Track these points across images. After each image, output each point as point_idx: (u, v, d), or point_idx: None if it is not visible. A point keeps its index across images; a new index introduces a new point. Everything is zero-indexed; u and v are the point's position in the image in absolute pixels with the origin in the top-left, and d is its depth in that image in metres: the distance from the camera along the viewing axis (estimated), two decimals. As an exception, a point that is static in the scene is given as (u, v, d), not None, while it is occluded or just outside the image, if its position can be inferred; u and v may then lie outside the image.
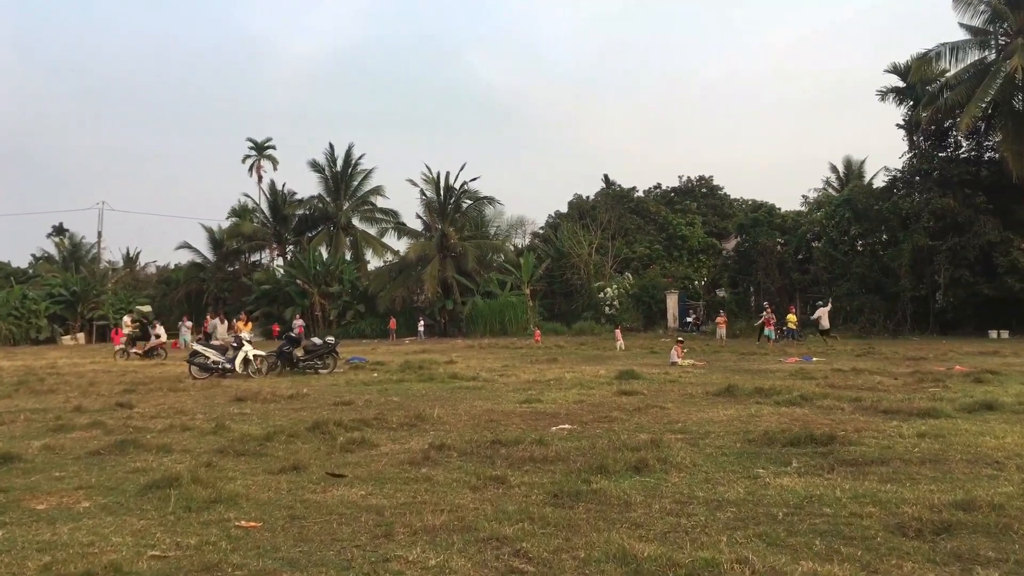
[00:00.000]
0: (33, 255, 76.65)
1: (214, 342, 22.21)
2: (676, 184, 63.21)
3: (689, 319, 45.09)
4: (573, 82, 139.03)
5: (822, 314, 31.06)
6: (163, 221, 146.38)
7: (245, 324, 22.49)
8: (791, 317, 32.68)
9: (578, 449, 8.32)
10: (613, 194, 58.77)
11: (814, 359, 22.63)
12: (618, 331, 31.57)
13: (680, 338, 24.00)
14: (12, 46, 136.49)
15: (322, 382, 17.65)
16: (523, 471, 7.33)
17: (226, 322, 24.52)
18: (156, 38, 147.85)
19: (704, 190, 62.53)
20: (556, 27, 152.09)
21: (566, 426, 10.19)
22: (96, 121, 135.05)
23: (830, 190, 56.44)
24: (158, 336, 29.69)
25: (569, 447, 8.44)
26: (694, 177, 63.00)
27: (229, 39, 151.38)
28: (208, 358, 19.36)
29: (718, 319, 33.35)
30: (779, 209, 50.81)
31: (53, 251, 76.27)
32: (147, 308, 61.75)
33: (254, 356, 19.47)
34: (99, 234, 73.19)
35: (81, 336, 56.76)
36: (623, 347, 29.55)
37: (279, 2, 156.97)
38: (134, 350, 29.16)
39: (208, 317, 32.56)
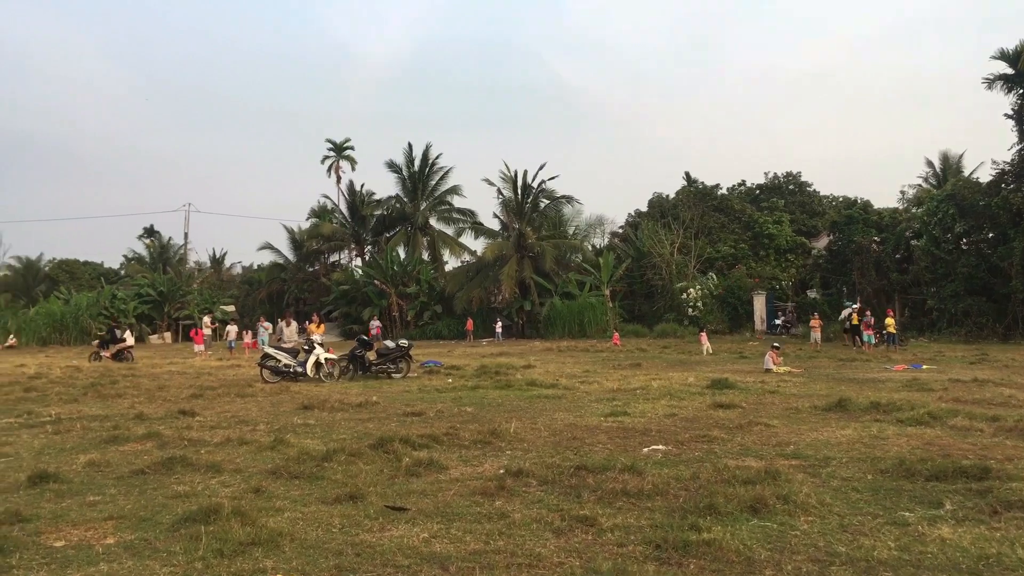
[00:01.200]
0: (125, 256, 78.96)
1: (284, 344, 21.68)
2: (762, 181, 60.86)
3: (777, 321, 42.94)
4: (651, 80, 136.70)
5: (847, 315, 31.60)
6: (249, 223, 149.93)
7: (317, 326, 21.86)
8: (890, 320, 30.53)
9: (678, 479, 7.13)
10: (695, 192, 56.81)
11: (924, 367, 20.77)
12: (703, 334, 30.00)
13: (776, 343, 22.38)
14: (106, 54, 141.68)
15: (394, 388, 16.83)
16: (615, 508, 6.19)
17: (293, 323, 23.91)
18: (240, 45, 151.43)
19: (792, 187, 59.99)
20: (633, 24, 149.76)
21: (660, 447, 9.00)
22: (184, 126, 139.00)
23: (925, 185, 53.41)
24: (124, 340, 30.15)
25: (667, 476, 7.26)
26: (781, 173, 60.54)
27: (309, 44, 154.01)
28: (279, 361, 18.78)
29: (812, 322, 31.37)
30: (874, 205, 48.10)
31: (143, 252, 78.30)
32: (231, 308, 62.77)
33: (326, 360, 18.80)
34: (185, 235, 74.84)
35: (168, 335, 57.92)
36: (710, 351, 28.04)
37: (357, 7, 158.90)
38: (105, 353, 29.40)
39: (280, 319, 32.44)
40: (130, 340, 31.05)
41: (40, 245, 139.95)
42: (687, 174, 63.67)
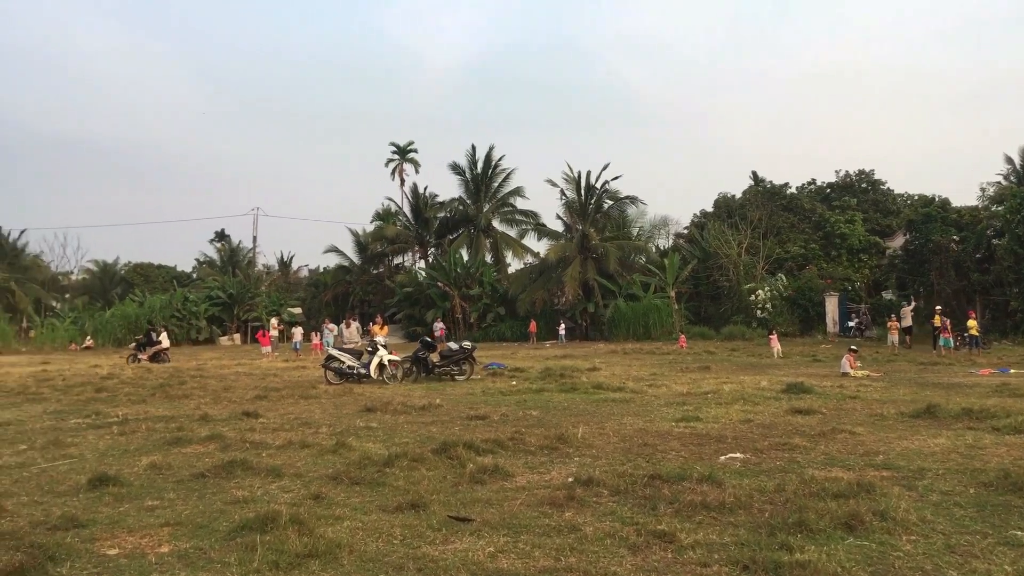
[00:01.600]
0: (197, 260, 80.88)
1: (346, 345, 21.64)
2: (833, 179, 59.09)
3: (851, 323, 41.53)
4: (714, 80, 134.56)
5: (906, 313, 32.24)
6: (315, 226, 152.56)
7: (380, 328, 21.76)
8: (972, 323, 29.17)
9: (761, 491, 6.64)
10: (764, 191, 55.46)
11: (1012, 371, 19.66)
12: (773, 337, 29.09)
13: (853, 346, 21.47)
14: (178, 64, 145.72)
15: (457, 390, 16.56)
16: (695, 523, 5.74)
17: (353, 324, 23.71)
18: (306, 53, 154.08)
19: (864, 185, 58.10)
20: (693, 24, 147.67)
21: (737, 455, 8.49)
22: (253, 132, 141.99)
23: (1004, 183, 51.08)
24: (159, 343, 30.81)
25: (749, 488, 6.76)
26: (853, 171, 58.67)
27: (373, 51, 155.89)
28: (343, 363, 18.71)
29: (889, 323, 30.16)
30: (952, 203, 46.16)
31: (214, 256, 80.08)
32: (297, 310, 63.78)
33: (389, 361, 18.66)
34: (254, 239, 76.36)
35: (237, 337, 59.02)
36: (780, 353, 27.14)
37: (419, 12, 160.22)
38: (142, 356, 30.11)
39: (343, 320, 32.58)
40: (166, 343, 31.86)
41: (117, 249, 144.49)
42: (754, 173, 62.25)
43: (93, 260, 79.99)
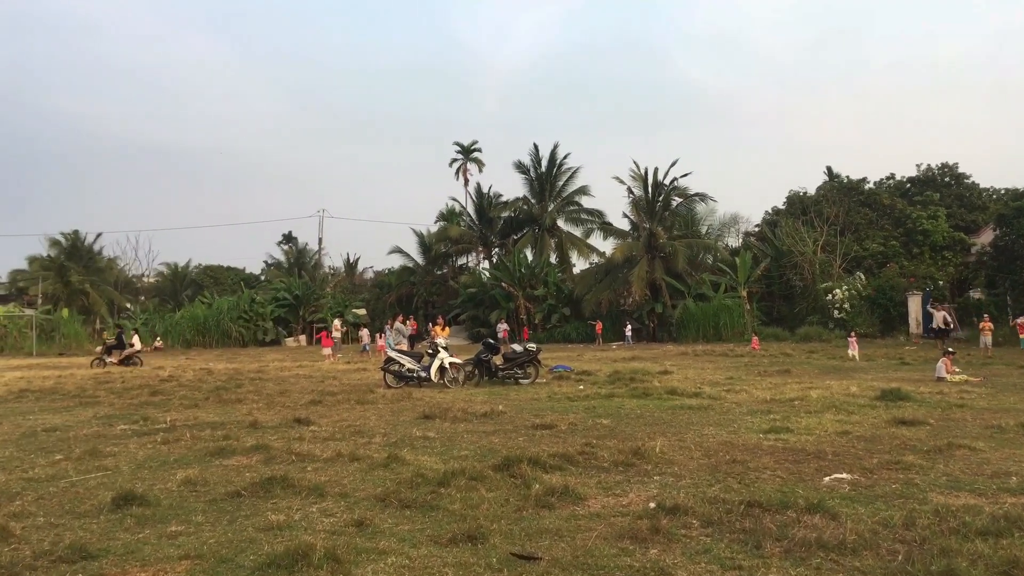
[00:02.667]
0: (265, 262, 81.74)
1: (403, 346, 20.91)
2: (913, 174, 56.40)
3: (935, 324, 39.23)
4: (784, 76, 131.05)
5: (935, 314, 32.42)
6: (381, 229, 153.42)
7: (442, 328, 20.92)
8: None
9: (886, 525, 5.53)
10: (840, 186, 53.22)
11: None
12: (853, 338, 27.22)
13: (950, 349, 19.85)
14: (249, 70, 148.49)
15: (521, 395, 15.64)
16: (812, 568, 4.69)
17: (406, 324, 22.72)
18: (374, 58, 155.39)
19: (947, 179, 55.28)
20: (762, 20, 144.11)
21: (844, 476, 7.36)
22: (321, 136, 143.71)
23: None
24: (132, 346, 30.37)
25: (870, 520, 5.66)
26: (935, 165, 55.89)
27: (439, 53, 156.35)
28: (403, 366, 17.98)
29: (982, 324, 28.13)
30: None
31: (281, 258, 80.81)
32: (362, 312, 63.70)
33: (450, 364, 17.85)
34: (319, 240, 76.82)
35: (303, 338, 59.19)
36: (856, 357, 25.44)
37: (486, 13, 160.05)
38: (110, 359, 29.60)
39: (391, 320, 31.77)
40: (138, 345, 31.55)
41: (189, 252, 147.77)
42: (828, 168, 60.00)
43: (165, 263, 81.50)
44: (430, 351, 18.20)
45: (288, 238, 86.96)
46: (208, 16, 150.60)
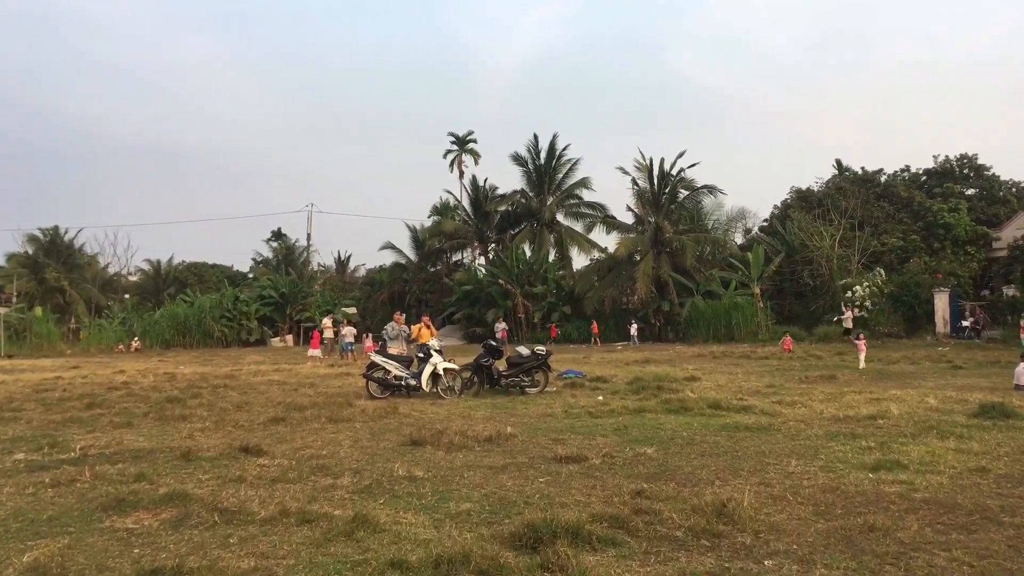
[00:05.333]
0: (254, 259, 78.82)
1: (390, 349, 18.11)
2: (930, 165, 53.82)
3: (965, 323, 36.66)
4: (786, 75, 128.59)
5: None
6: (375, 227, 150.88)
7: (428, 329, 18.03)
8: None
9: None
10: (855, 178, 50.61)
11: None
12: (861, 341, 22.95)
13: (1025, 351, 17.14)
14: (240, 64, 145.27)
15: (531, 409, 12.93)
16: None
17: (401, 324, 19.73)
18: (371, 54, 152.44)
19: (967, 171, 52.71)
20: (764, 20, 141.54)
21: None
22: (314, 132, 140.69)
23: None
24: None
25: None
26: (953, 157, 53.30)
27: (437, 51, 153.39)
28: (389, 372, 15.25)
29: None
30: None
31: (270, 255, 77.94)
32: (352, 310, 60.86)
33: (445, 371, 15.13)
34: (308, 236, 73.81)
35: (289, 338, 56.34)
36: (862, 363, 21.57)
37: (486, 13, 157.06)
38: None
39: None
40: None
41: (178, 250, 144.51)
42: (838, 161, 57.54)
43: (147, 260, 78.57)
44: (420, 355, 15.48)
45: (278, 235, 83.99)
46: (203, 13, 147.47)
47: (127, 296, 74.68)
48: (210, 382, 19.24)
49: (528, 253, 51.75)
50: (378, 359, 15.56)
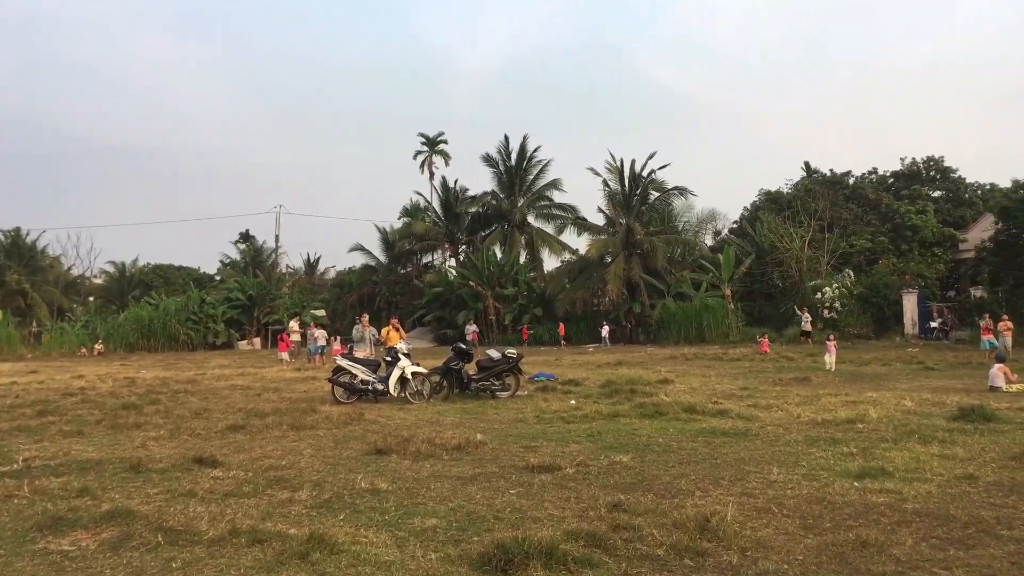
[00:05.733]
0: (221, 261, 77.55)
1: (356, 352, 17.59)
2: (897, 168, 54.27)
3: (933, 324, 36.84)
4: (753, 78, 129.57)
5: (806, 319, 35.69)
6: (345, 229, 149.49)
7: (397, 332, 17.52)
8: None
9: None
10: (824, 180, 50.84)
11: None
12: (832, 342, 22.66)
13: (1000, 354, 17.02)
14: (209, 67, 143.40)
15: (502, 413, 12.55)
16: None
17: (366, 326, 18.99)
18: (341, 56, 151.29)
19: (933, 173, 53.21)
20: (729, 23, 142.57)
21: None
22: (284, 134, 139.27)
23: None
24: None
25: None
26: (920, 159, 53.78)
27: (407, 52, 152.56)
28: (355, 376, 14.78)
29: (1001, 324, 25.52)
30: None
31: (238, 257, 76.75)
32: (321, 312, 60.07)
33: (413, 375, 14.69)
34: (276, 238, 72.70)
35: (257, 341, 55.44)
36: (832, 366, 21.38)
37: (456, 14, 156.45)
38: None
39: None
40: None
41: (143, 252, 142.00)
42: (807, 164, 57.81)
43: (111, 262, 77.01)
44: (388, 358, 15.02)
45: (246, 236, 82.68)
46: (170, 13, 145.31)
47: (91, 299, 73.20)
48: (171, 387, 18.64)
49: (499, 255, 51.33)
50: (344, 363, 15.08)
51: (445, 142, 63.45)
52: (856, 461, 7.91)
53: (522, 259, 52.34)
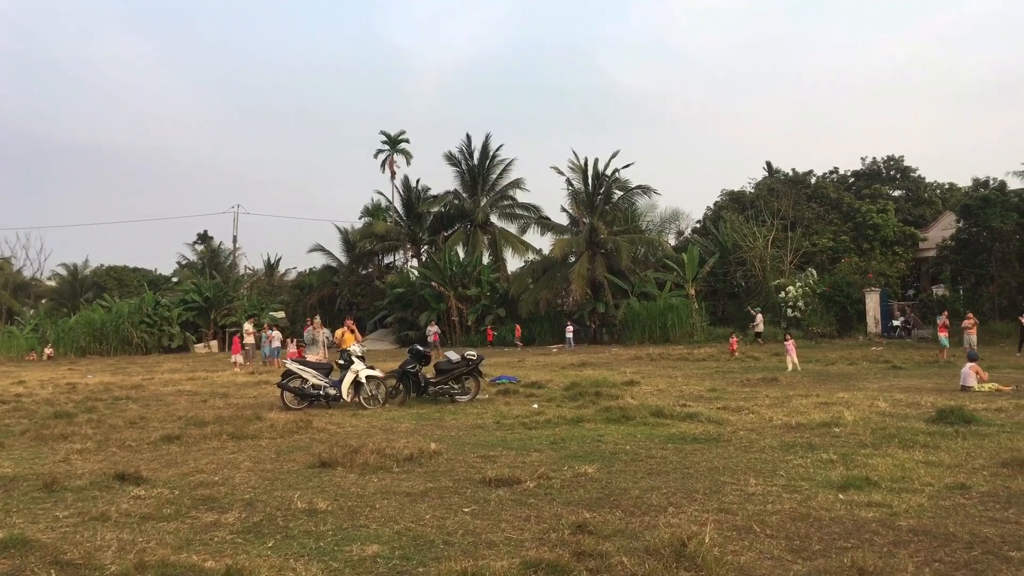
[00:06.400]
0: (179, 263, 75.74)
1: (307, 355, 16.80)
2: (858, 167, 54.45)
3: (896, 323, 36.85)
4: (712, 80, 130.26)
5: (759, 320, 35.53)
6: (306, 230, 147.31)
7: (352, 333, 16.71)
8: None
9: None
10: (786, 179, 50.84)
11: None
12: (790, 342, 21.95)
13: (973, 352, 16.64)
14: (168, 66, 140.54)
15: (461, 419, 11.87)
16: None
17: (319, 328, 18.12)
18: (303, 56, 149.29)
19: (893, 172, 53.48)
20: (687, 26, 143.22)
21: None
22: (241, 133, 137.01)
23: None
24: None
25: None
26: (880, 158, 54.03)
27: (369, 52, 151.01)
28: (306, 381, 13.99)
29: (966, 322, 25.36)
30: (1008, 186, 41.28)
31: (195, 258, 75.07)
32: (280, 314, 58.81)
33: (367, 378, 13.94)
34: (234, 238, 71.22)
35: (214, 344, 54.06)
36: (797, 366, 20.76)
37: (419, 15, 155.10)
38: None
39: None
40: None
41: (97, 253, 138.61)
42: (768, 164, 57.78)
43: (63, 263, 74.84)
44: (341, 361, 14.25)
45: (204, 237, 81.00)
46: (127, 9, 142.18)
47: (43, 301, 71.12)
48: (113, 393, 17.67)
49: (462, 255, 50.58)
50: (294, 367, 14.28)
51: (407, 140, 62.56)
52: (837, 469, 7.37)
53: (485, 259, 51.66)
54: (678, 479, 7.18)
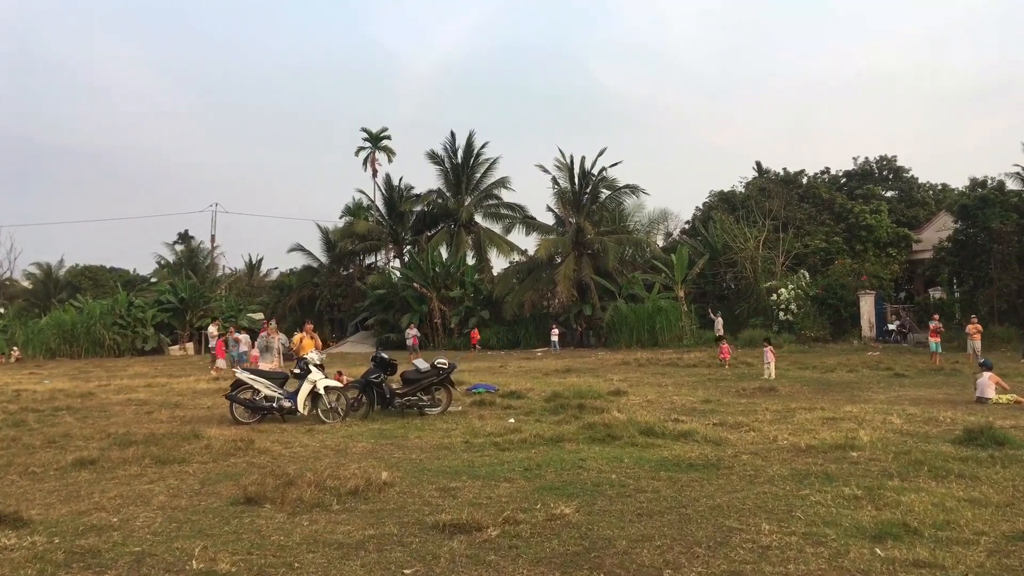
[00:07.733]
0: (157, 263, 73.94)
1: (262, 364, 15.39)
2: (850, 167, 53.37)
3: (891, 326, 35.73)
4: (700, 83, 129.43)
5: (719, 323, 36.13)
6: (288, 230, 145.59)
7: (311, 339, 15.24)
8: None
9: None
10: (777, 179, 49.72)
11: None
12: (768, 348, 20.77)
13: (982, 360, 15.38)
14: (149, 65, 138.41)
15: (426, 437, 10.53)
16: None
17: (273, 334, 16.76)
18: (288, 56, 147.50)
19: (886, 172, 52.43)
20: (675, 30, 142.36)
21: None
22: (226, 134, 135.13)
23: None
24: None
25: None
26: (873, 158, 52.98)
27: (355, 52, 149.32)
28: (258, 392, 12.63)
29: (970, 327, 24.20)
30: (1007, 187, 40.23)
31: (173, 258, 73.32)
32: (259, 316, 57.20)
33: (326, 389, 12.59)
34: (212, 237, 69.47)
35: (190, 346, 52.42)
36: (772, 375, 19.57)
37: (406, 15, 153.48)
38: None
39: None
40: None
41: (75, 253, 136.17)
42: (758, 164, 56.62)
43: (36, 263, 72.89)
44: (297, 370, 12.89)
45: (184, 237, 79.25)
46: (108, 9, 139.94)
47: (16, 300, 69.25)
48: (55, 403, 16.23)
49: (445, 255, 49.22)
50: (245, 376, 12.91)
51: (388, 137, 60.99)
52: (866, 509, 6.09)
53: (469, 260, 50.35)
54: (674, 523, 5.88)
